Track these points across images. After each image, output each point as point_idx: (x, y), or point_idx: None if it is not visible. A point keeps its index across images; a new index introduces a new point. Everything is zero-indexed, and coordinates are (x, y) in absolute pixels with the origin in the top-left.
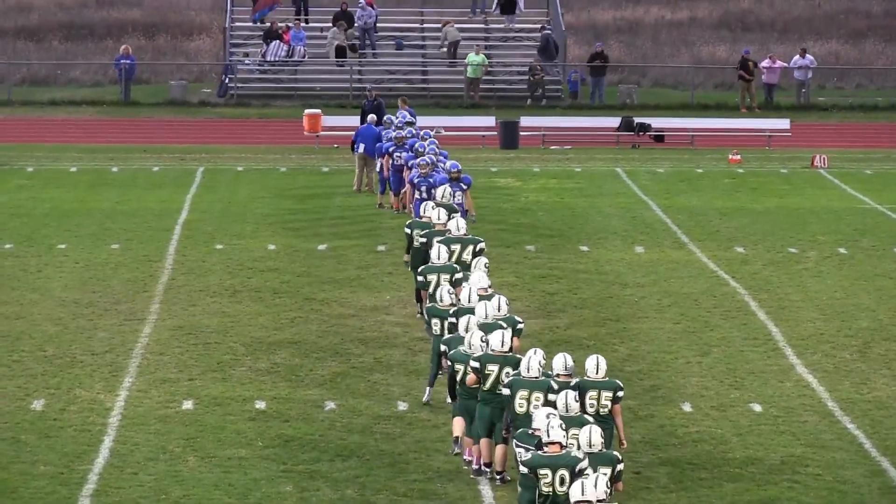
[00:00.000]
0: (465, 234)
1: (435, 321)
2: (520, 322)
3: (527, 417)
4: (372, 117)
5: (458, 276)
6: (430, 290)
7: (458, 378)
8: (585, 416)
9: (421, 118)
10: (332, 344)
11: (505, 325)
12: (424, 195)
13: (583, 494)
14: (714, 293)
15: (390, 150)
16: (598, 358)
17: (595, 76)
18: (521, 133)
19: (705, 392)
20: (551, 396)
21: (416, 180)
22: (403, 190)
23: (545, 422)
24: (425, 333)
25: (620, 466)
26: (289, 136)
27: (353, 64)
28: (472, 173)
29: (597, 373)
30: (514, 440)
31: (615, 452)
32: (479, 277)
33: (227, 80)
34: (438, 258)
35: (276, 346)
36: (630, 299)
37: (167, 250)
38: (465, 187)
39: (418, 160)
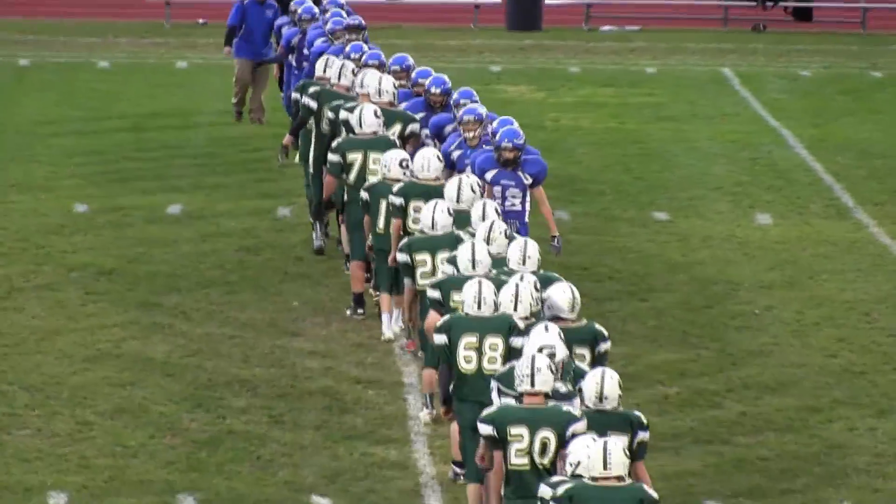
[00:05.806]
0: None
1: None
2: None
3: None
4: None
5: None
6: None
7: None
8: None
9: None
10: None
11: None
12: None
13: (605, 467)
14: None
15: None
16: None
17: None
18: (547, 1)
19: (882, 484)
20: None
21: None
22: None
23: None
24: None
25: (643, 435)
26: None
27: None
28: (458, 77)
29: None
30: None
31: (637, 413)
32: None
33: None
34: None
35: None
36: (745, 311)
37: None
38: (527, 180)
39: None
